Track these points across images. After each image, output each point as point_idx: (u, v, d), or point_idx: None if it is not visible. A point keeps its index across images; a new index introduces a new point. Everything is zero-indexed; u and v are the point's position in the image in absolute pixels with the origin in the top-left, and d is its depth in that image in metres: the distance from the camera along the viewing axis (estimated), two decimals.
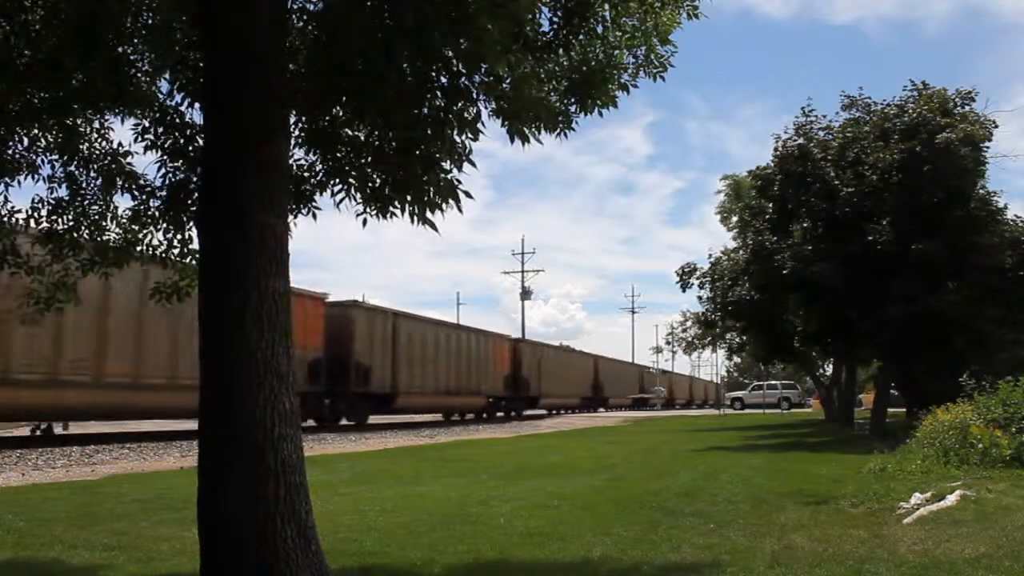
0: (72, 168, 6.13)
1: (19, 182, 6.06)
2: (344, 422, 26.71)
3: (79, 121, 5.99)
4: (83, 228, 6.24)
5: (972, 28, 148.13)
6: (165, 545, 6.31)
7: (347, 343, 26.29)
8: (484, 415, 37.17)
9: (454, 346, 33.79)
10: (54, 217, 6.16)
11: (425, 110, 5.03)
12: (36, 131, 5.88)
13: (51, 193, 6.15)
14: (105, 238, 6.35)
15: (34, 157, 6.01)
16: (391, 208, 5.21)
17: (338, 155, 5.44)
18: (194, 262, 6.06)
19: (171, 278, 6.38)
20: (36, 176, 6.11)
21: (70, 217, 6.20)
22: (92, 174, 6.19)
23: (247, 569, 4.32)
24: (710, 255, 25.55)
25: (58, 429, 18.90)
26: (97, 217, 6.27)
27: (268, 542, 4.32)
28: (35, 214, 6.14)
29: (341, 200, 5.37)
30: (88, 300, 14.30)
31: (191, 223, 5.93)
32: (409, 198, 5.09)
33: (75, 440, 16.99)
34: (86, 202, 6.22)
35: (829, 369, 36.79)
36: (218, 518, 4.44)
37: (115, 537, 6.60)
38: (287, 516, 4.39)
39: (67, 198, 6.17)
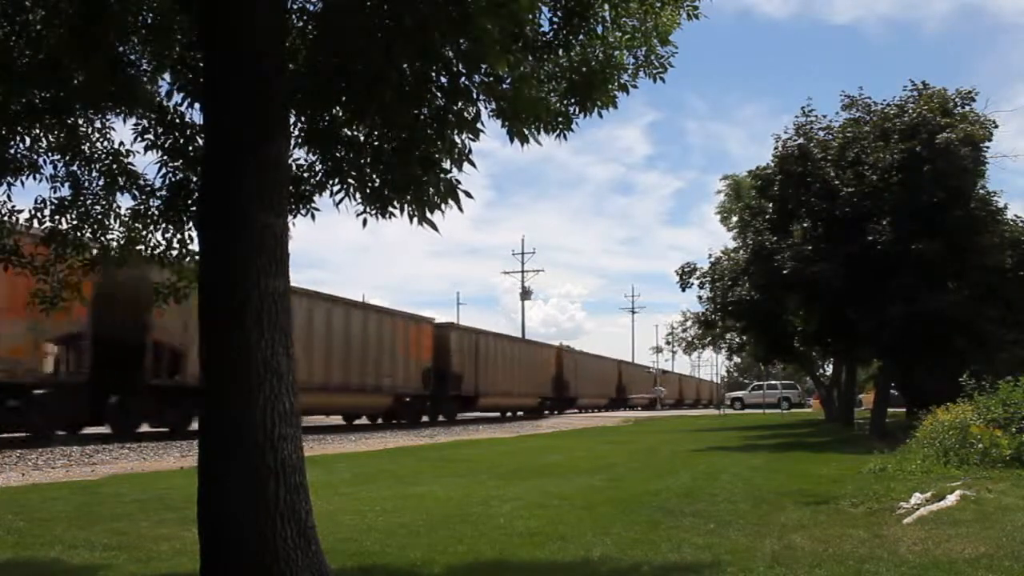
0: (74, 168, 6.14)
1: (22, 182, 6.07)
2: (147, 428, 19.36)
3: (80, 121, 6.00)
4: (86, 228, 6.25)
5: (972, 28, 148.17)
6: (165, 545, 6.31)
7: (139, 316, 17.83)
8: (402, 421, 29.27)
9: (340, 329, 25.32)
10: (57, 217, 6.17)
11: (425, 110, 5.03)
12: (37, 131, 5.88)
13: (54, 193, 6.16)
14: (108, 237, 6.36)
15: (36, 157, 6.01)
16: (391, 208, 5.22)
17: (338, 155, 5.44)
18: (193, 263, 6.06)
19: (169, 279, 6.39)
20: (38, 176, 6.11)
21: (73, 216, 6.20)
22: (94, 174, 6.19)
23: (247, 569, 4.33)
24: (710, 255, 25.59)
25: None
26: (100, 216, 6.28)
27: (268, 542, 4.32)
28: (38, 214, 6.15)
29: (341, 200, 5.37)
30: None
31: (191, 223, 5.94)
32: (409, 198, 5.09)
33: (75, 440, 16.98)
34: (88, 202, 6.22)
35: (829, 369, 36.78)
36: (218, 518, 4.44)
37: (115, 537, 6.60)
38: (287, 516, 4.39)
39: (69, 198, 6.17)
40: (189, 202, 5.84)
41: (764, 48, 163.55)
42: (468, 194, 5.07)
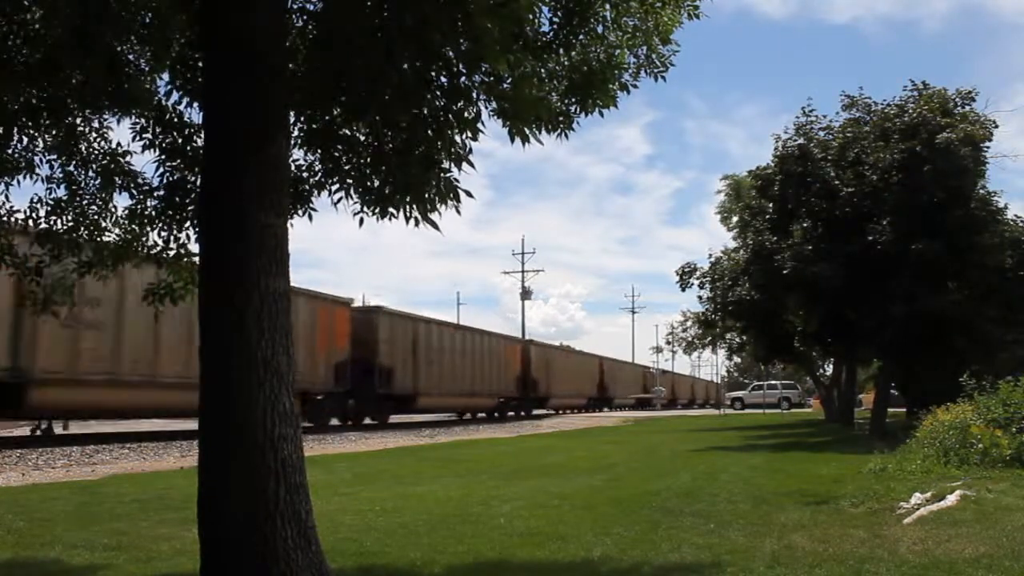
0: (71, 168, 6.11)
1: (18, 182, 6.05)
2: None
3: (78, 121, 5.98)
4: (82, 228, 6.21)
5: (971, 27, 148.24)
6: (165, 545, 6.31)
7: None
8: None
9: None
10: (53, 217, 6.14)
11: (425, 110, 5.03)
12: (34, 131, 5.86)
13: (49, 194, 6.13)
14: (104, 239, 6.32)
15: (32, 156, 5.99)
16: (389, 209, 5.21)
17: (337, 155, 5.44)
18: (191, 262, 6.05)
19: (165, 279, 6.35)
20: (35, 176, 6.08)
21: (69, 218, 6.16)
22: (91, 174, 6.16)
23: (247, 569, 4.32)
24: (710, 255, 25.59)
25: (58, 429, 18.84)
26: (96, 217, 6.24)
27: (268, 542, 4.32)
28: (33, 214, 6.12)
29: (339, 200, 5.37)
30: None
31: (188, 223, 5.93)
32: (408, 198, 5.09)
33: (75, 440, 16.98)
34: (84, 202, 6.19)
35: (829, 369, 36.78)
36: (218, 518, 4.44)
37: (115, 537, 6.60)
38: (287, 516, 4.39)
39: (66, 198, 6.15)
40: (187, 202, 5.83)
41: (763, 48, 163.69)
42: (469, 193, 5.07)
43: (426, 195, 5.00)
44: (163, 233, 6.07)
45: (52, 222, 6.14)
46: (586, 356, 52.61)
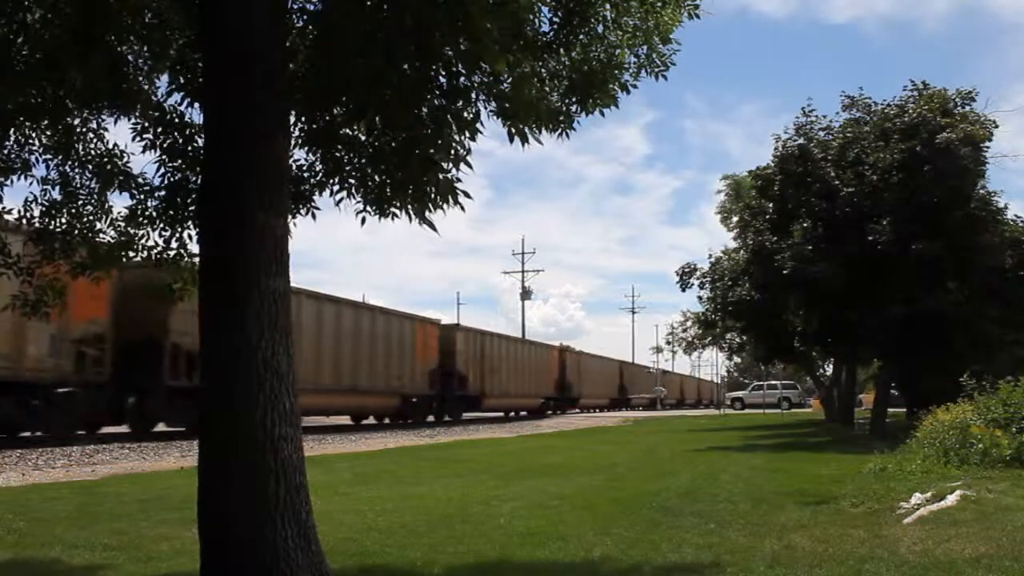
0: (67, 168, 6.08)
1: (12, 181, 6.01)
2: None
3: (76, 121, 5.97)
4: (76, 230, 6.15)
5: (971, 27, 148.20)
6: (165, 545, 6.31)
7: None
8: None
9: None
10: (46, 219, 6.09)
11: (425, 110, 5.03)
12: (31, 131, 5.83)
13: (44, 195, 6.09)
14: (100, 240, 6.28)
15: (29, 156, 5.96)
16: (390, 208, 5.22)
17: (337, 155, 5.45)
18: (191, 263, 6.05)
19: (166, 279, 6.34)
20: (30, 177, 6.03)
21: (63, 220, 6.12)
22: (87, 175, 6.13)
23: (247, 569, 4.32)
24: (710, 255, 25.58)
25: None
26: (91, 218, 6.20)
27: (268, 542, 4.33)
28: (27, 214, 6.08)
29: (340, 200, 5.38)
30: None
31: (189, 223, 5.93)
32: (409, 198, 5.09)
33: (75, 440, 16.98)
34: (80, 203, 6.15)
35: (829, 369, 36.75)
36: (218, 518, 4.44)
37: (115, 537, 6.60)
38: (287, 516, 4.39)
39: (60, 199, 6.10)
40: (188, 202, 5.83)
41: (762, 47, 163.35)
42: (467, 194, 5.08)
43: (426, 196, 5.01)
44: (164, 233, 6.06)
45: (46, 223, 6.10)
46: (539, 346, 45.51)
